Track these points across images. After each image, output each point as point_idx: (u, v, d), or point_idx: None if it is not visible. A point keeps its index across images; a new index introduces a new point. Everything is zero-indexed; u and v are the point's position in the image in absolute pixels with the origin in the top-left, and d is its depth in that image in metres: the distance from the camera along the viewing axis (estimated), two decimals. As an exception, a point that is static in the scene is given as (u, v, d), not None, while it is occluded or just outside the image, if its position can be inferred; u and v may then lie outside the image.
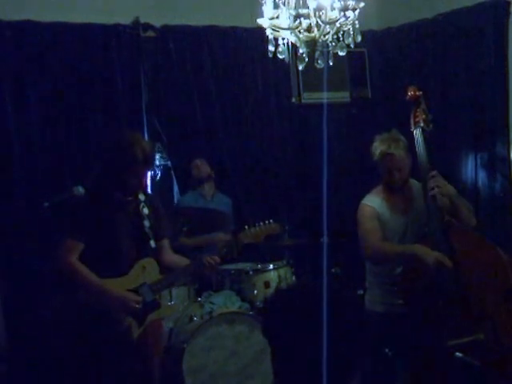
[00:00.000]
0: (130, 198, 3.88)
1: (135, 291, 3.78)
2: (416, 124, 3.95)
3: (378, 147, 3.91)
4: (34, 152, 5.45)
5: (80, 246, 3.73)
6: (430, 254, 3.63)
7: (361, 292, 4.36)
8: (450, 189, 3.86)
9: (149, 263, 3.90)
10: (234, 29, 6.17)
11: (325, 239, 5.04)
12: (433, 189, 3.76)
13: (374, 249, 3.91)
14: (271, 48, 3.46)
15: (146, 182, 4.77)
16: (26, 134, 5.43)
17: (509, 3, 5.62)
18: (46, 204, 3.68)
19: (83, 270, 3.70)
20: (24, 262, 5.24)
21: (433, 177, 3.80)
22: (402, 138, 3.95)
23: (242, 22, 5.91)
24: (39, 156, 5.47)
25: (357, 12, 3.36)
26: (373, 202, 4.02)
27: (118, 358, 3.70)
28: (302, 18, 3.38)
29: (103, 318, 3.68)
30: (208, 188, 5.68)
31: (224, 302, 4.87)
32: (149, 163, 3.89)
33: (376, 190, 4.09)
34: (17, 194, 5.36)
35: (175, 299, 4.83)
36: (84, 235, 3.73)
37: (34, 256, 5.23)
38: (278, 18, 3.39)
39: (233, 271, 5.20)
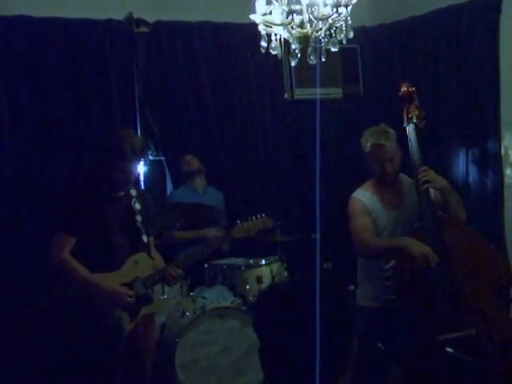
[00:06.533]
0: (121, 194, 3.89)
1: (128, 286, 3.80)
2: (409, 120, 3.95)
3: (368, 140, 3.91)
4: (27, 149, 5.44)
5: (72, 240, 3.74)
6: (418, 249, 3.64)
7: (352, 287, 4.37)
8: (443, 182, 3.87)
9: (141, 258, 3.91)
10: (226, 24, 6.18)
11: (317, 235, 5.05)
12: (425, 183, 3.78)
13: (366, 245, 3.92)
14: (264, 44, 3.45)
15: (137, 177, 4.76)
16: (17, 130, 5.42)
17: (500, 0, 5.64)
18: None
19: (75, 264, 3.71)
20: (14, 256, 5.25)
21: (424, 171, 3.82)
22: (391, 130, 3.96)
23: (234, 18, 5.91)
24: (32, 152, 5.45)
25: (349, 8, 3.36)
26: (362, 195, 4.02)
27: (109, 352, 3.71)
28: (294, 14, 3.38)
29: (92, 310, 3.69)
30: (199, 182, 5.72)
31: (216, 297, 4.87)
32: (137, 160, 3.90)
33: (367, 184, 4.09)
34: (9, 190, 5.35)
35: (168, 294, 4.85)
36: (76, 230, 3.74)
37: (25, 250, 5.23)
38: (270, 13, 3.39)
39: (225, 266, 5.21)
